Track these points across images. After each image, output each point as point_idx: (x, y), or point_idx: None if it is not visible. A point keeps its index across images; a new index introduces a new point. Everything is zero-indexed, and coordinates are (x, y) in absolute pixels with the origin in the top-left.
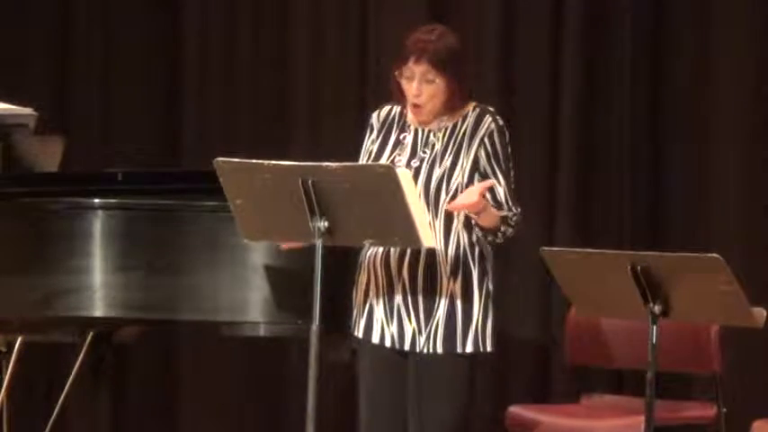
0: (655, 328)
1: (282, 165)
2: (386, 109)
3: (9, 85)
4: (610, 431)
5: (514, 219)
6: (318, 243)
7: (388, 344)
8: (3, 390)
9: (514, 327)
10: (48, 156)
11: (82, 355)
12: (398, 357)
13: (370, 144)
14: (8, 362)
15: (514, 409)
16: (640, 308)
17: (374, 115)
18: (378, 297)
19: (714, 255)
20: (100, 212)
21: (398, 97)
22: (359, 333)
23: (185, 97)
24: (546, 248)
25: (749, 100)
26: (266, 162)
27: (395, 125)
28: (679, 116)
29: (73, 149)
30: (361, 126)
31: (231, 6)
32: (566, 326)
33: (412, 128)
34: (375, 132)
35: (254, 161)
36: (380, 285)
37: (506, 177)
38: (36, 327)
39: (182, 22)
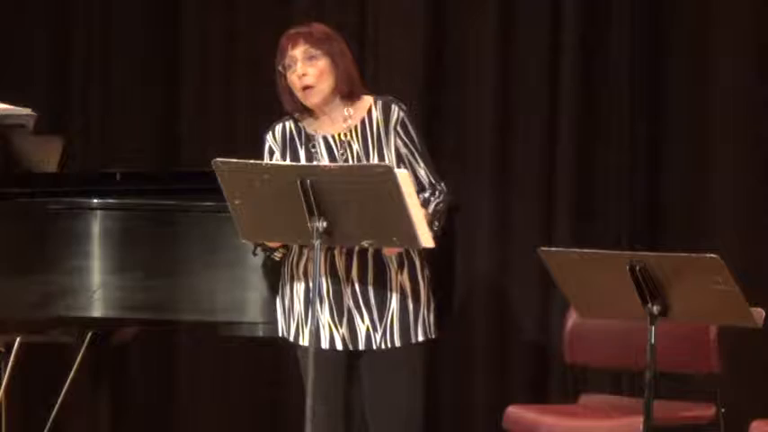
0: (653, 328)
1: (281, 165)
2: (278, 127)
3: (9, 86)
4: None
5: (441, 202)
6: (317, 243)
7: (339, 347)
8: (2, 390)
9: (513, 327)
10: (47, 156)
11: (81, 355)
12: (350, 359)
13: None
14: (7, 362)
15: (513, 409)
16: (639, 308)
17: (268, 137)
18: (323, 303)
19: (713, 255)
20: (98, 213)
21: (290, 102)
22: (302, 341)
23: (185, 97)
24: (544, 248)
25: (749, 99)
26: (265, 162)
27: (296, 139)
28: (679, 115)
29: (72, 149)
30: None
31: (230, 6)
32: (564, 326)
33: (318, 136)
34: (278, 152)
35: (252, 161)
36: (326, 292)
37: (424, 158)
38: (35, 327)
39: (181, 22)
